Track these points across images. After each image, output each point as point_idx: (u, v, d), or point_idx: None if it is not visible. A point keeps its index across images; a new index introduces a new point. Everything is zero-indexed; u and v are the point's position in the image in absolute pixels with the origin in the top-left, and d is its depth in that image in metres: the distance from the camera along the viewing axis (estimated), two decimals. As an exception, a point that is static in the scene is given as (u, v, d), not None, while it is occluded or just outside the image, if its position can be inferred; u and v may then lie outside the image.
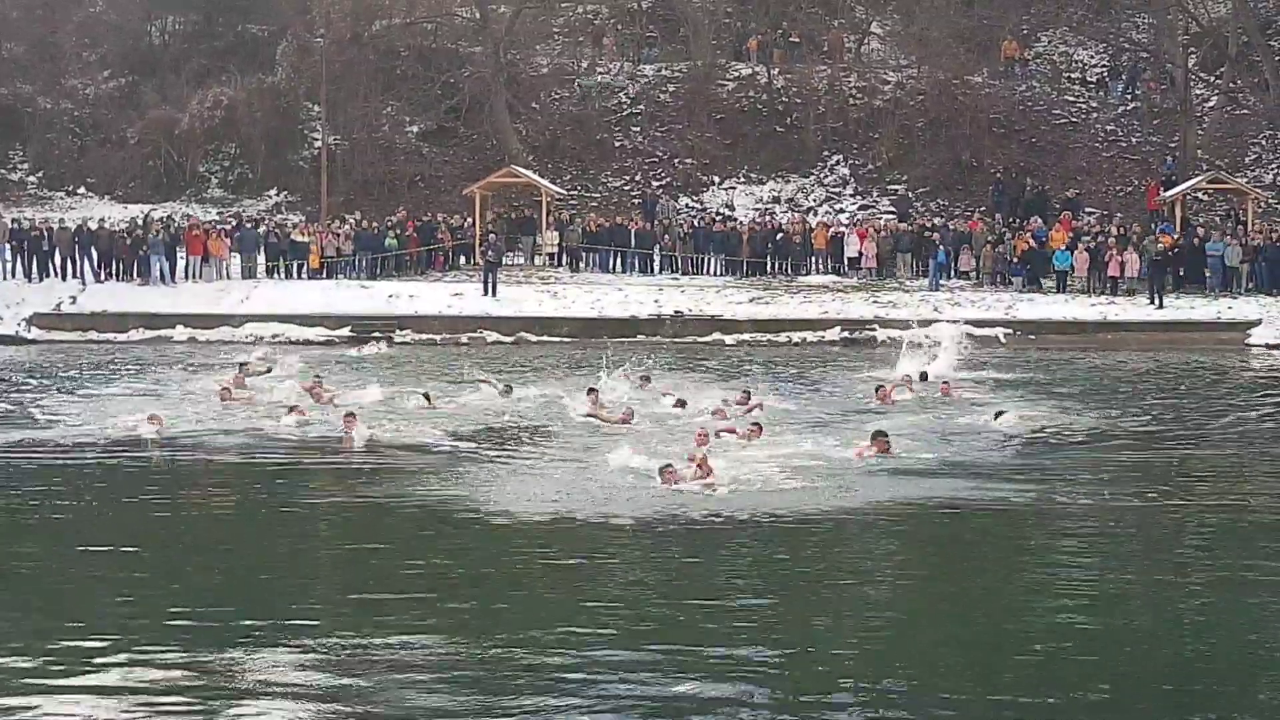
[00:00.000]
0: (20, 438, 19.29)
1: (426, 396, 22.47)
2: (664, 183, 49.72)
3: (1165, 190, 44.60)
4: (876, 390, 23.38)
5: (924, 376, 25.51)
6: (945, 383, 24.47)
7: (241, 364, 26.88)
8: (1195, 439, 20.15)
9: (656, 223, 43.96)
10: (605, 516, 14.37)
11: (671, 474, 15.62)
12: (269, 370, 26.88)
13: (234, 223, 44.14)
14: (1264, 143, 49.62)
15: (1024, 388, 25.57)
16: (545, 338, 35.71)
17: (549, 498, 15.30)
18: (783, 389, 24.87)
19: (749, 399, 22.17)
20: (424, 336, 35.94)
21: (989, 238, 40.81)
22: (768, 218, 45.39)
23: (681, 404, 21.99)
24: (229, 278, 40.25)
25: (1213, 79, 52.19)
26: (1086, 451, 18.42)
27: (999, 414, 20.68)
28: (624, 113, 52.29)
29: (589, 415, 21.08)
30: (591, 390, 22.46)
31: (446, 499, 15.30)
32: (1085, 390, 25.56)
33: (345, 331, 35.93)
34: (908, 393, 23.62)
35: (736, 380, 26.66)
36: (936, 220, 43.87)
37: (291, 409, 20.91)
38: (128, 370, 28.85)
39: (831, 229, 43.07)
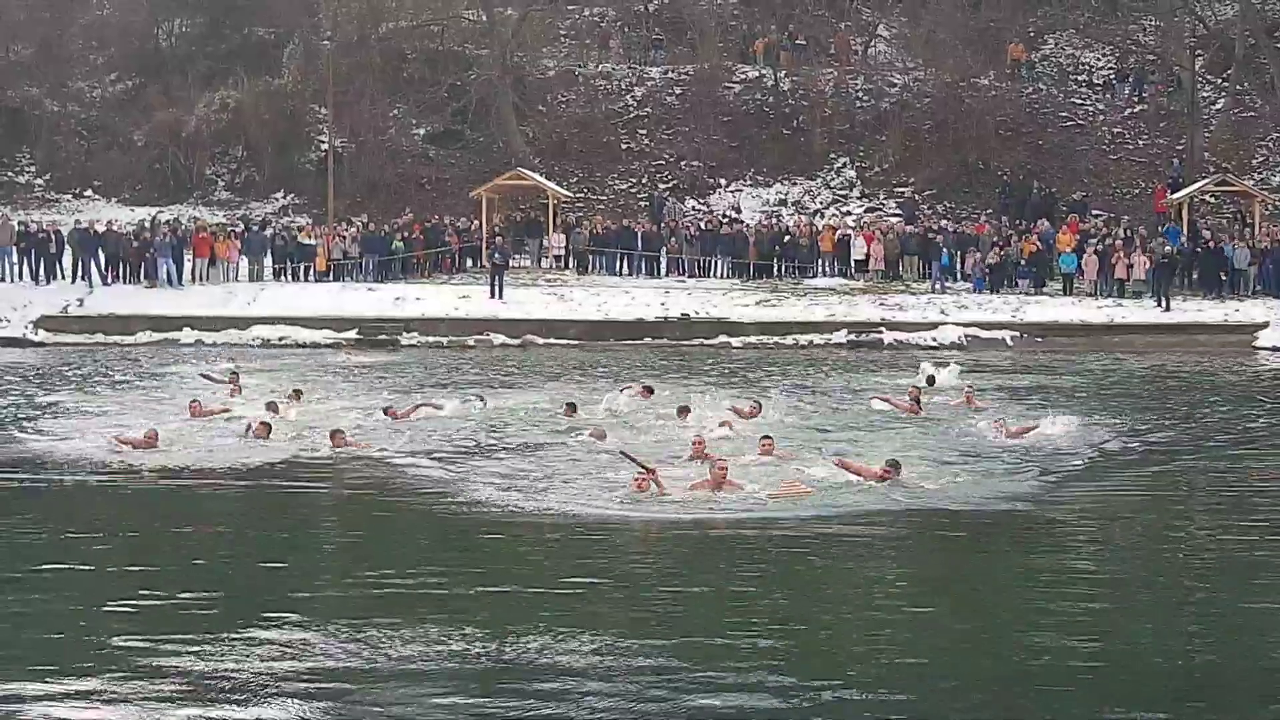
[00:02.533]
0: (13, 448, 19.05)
1: (387, 411, 21.70)
2: (670, 185, 49.73)
3: (1172, 193, 44.57)
4: (906, 399, 22.60)
5: (931, 381, 25.24)
6: (969, 389, 23.86)
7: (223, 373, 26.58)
8: (1204, 446, 19.95)
9: (663, 225, 43.94)
10: (602, 522, 14.32)
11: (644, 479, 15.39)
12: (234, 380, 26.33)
13: (241, 225, 44.19)
14: (1271, 145, 49.57)
15: (1032, 394, 25.35)
16: (552, 340, 35.75)
17: (541, 504, 15.20)
18: (794, 397, 24.32)
19: (760, 410, 21.54)
20: (430, 339, 36.00)
21: (995, 240, 40.80)
22: (774, 220, 45.36)
23: (684, 411, 21.25)
24: (236, 280, 40.30)
25: (1219, 81, 52.15)
26: (1094, 460, 18.24)
27: (1004, 420, 20.14)
28: (630, 115, 52.33)
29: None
30: (570, 405, 21.86)
31: (433, 507, 15.21)
32: (1092, 396, 25.39)
33: (352, 334, 36.00)
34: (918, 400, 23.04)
35: (741, 386, 26.58)
36: (943, 223, 43.84)
37: (253, 426, 19.84)
38: (126, 376, 28.67)
39: (838, 231, 43.03)
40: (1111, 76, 53.44)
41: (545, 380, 27.24)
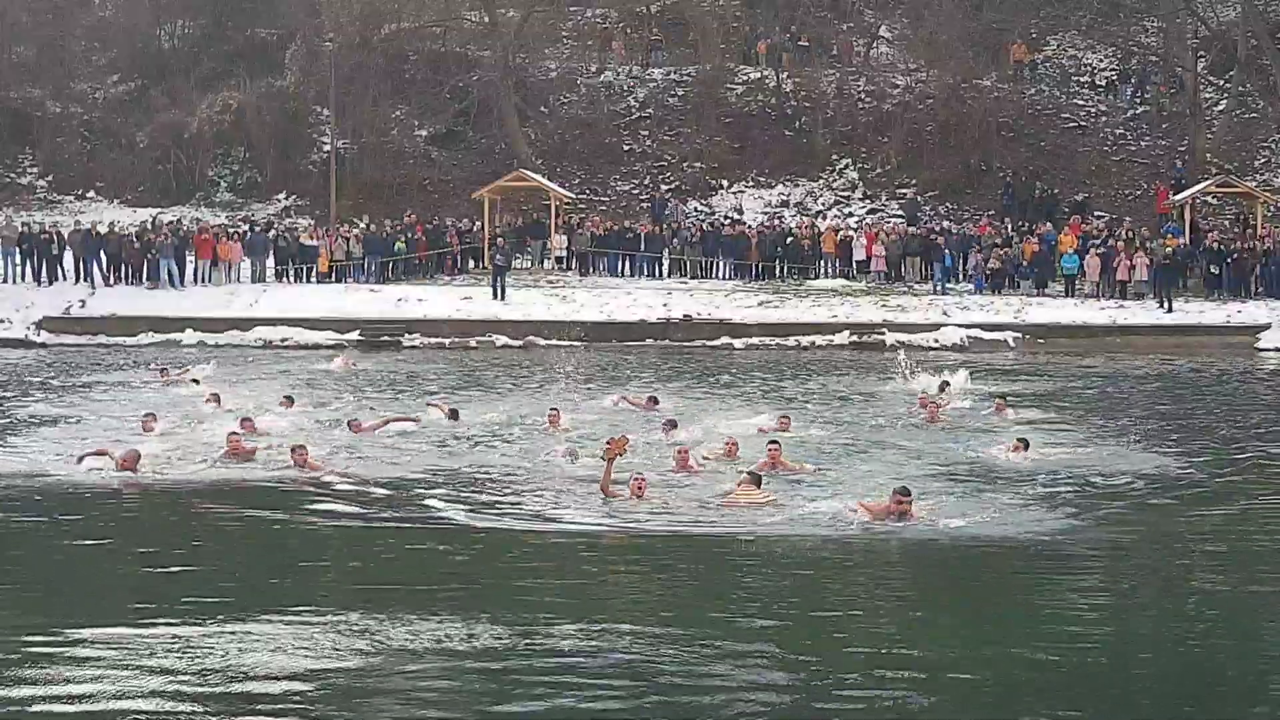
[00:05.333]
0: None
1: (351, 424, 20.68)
2: (672, 186, 49.75)
3: (1174, 194, 44.60)
4: (924, 406, 22.13)
5: (943, 387, 24.96)
6: (1001, 399, 23.16)
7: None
8: (1207, 449, 19.81)
9: (665, 226, 43.97)
10: (598, 532, 14.24)
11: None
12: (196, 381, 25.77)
13: (243, 226, 44.23)
14: (1273, 146, 49.58)
15: (1036, 400, 25.04)
16: (554, 341, 35.75)
17: (532, 513, 15.12)
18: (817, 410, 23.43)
19: (789, 424, 20.54)
20: (433, 340, 36.00)
21: (997, 241, 40.80)
22: (776, 221, 45.38)
23: (671, 425, 20.20)
24: (238, 281, 40.32)
25: (1222, 82, 52.16)
26: (1100, 471, 18.02)
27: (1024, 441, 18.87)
28: (633, 116, 52.35)
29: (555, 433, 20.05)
30: (553, 410, 21.21)
31: (421, 517, 15.11)
32: (1097, 402, 25.21)
33: (354, 335, 36.01)
34: (941, 407, 22.31)
35: (744, 392, 26.52)
36: (945, 224, 43.84)
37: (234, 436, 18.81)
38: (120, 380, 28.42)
39: (840, 233, 43.07)
40: (1114, 77, 53.47)
41: (539, 384, 27.08)
